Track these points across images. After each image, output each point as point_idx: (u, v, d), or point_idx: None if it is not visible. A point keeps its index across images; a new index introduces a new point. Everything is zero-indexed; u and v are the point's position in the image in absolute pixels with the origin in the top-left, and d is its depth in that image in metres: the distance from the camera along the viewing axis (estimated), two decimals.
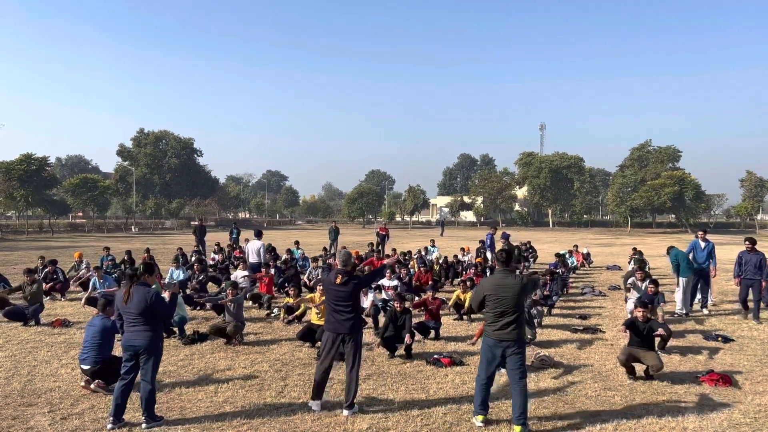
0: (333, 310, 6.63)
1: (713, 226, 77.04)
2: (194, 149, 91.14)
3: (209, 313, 12.27)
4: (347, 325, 6.55)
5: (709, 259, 13.42)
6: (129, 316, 6.15)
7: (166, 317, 6.47)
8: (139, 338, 6.10)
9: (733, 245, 43.47)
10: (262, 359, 8.93)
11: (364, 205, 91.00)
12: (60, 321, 11.47)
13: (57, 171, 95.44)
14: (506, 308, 6.08)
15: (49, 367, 8.40)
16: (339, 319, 6.58)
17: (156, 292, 6.32)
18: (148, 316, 6.11)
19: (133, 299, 6.13)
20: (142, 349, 6.10)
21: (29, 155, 55.46)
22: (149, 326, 6.14)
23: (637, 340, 8.10)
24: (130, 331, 6.17)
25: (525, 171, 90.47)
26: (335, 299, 6.61)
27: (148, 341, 6.10)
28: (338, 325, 6.58)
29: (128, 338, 6.17)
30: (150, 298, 6.09)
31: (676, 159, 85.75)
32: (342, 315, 6.57)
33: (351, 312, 6.58)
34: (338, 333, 6.58)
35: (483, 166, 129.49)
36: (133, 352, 6.15)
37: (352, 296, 6.59)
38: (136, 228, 67.69)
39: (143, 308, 6.07)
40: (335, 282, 6.61)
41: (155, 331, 6.20)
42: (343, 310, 6.57)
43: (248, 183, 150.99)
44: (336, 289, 6.60)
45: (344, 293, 6.56)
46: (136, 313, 6.09)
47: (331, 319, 6.65)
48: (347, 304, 6.57)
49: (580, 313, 13.04)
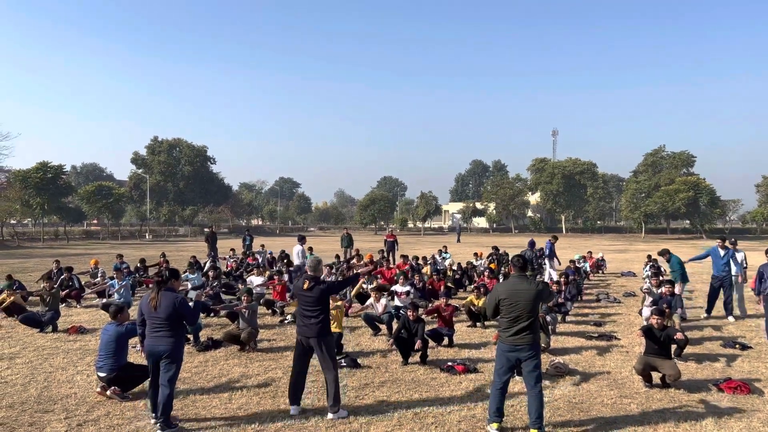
0: (302, 314, 6.81)
1: (728, 231, 76.21)
2: (207, 157, 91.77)
3: (223, 320, 12.31)
4: (314, 330, 6.69)
5: (728, 267, 13.05)
6: (155, 320, 6.24)
7: (192, 323, 6.65)
8: (162, 344, 6.21)
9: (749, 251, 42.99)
10: (276, 366, 8.94)
11: (376, 211, 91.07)
12: (76, 328, 11.56)
13: (72, 179, 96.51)
14: (521, 313, 6.05)
15: (65, 373, 8.47)
16: (307, 324, 6.74)
17: (182, 297, 6.44)
18: (174, 322, 6.24)
19: (161, 305, 6.24)
20: (165, 354, 6.19)
21: (45, 163, 56.21)
22: (173, 332, 6.25)
23: (654, 348, 8.01)
24: (153, 336, 6.26)
25: (537, 177, 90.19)
26: (303, 304, 6.79)
27: (171, 347, 6.21)
28: (306, 330, 6.74)
29: (151, 343, 6.26)
30: (178, 303, 6.24)
31: (690, 164, 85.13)
32: (309, 320, 6.72)
33: (318, 317, 6.71)
34: (307, 337, 6.73)
35: (495, 172, 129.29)
36: (157, 357, 6.25)
37: (318, 301, 6.73)
38: (150, 235, 68.19)
39: (171, 313, 6.20)
40: (303, 287, 6.81)
41: (178, 337, 6.30)
42: (310, 314, 6.73)
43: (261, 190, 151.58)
44: (304, 294, 6.79)
45: (311, 298, 6.73)
46: (164, 318, 6.21)
47: (300, 323, 6.83)
48: (314, 309, 6.72)
49: (594, 320, 12.94)
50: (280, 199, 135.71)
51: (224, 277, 17.01)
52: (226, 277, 17.25)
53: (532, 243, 17.90)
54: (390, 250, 25.81)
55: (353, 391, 7.66)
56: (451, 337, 10.41)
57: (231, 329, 10.34)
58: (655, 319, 8.18)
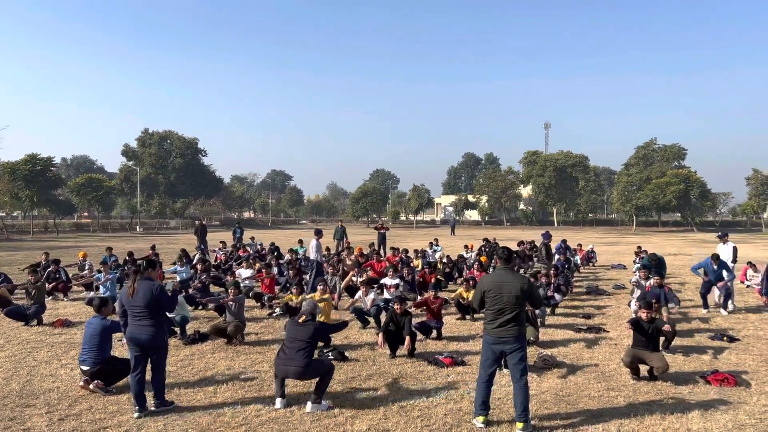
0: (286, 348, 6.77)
1: (719, 224, 76.62)
2: (198, 149, 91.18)
3: (210, 313, 12.22)
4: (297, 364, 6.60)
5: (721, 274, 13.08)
6: (135, 309, 6.39)
7: (170, 310, 6.72)
8: (143, 332, 6.36)
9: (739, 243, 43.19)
10: (263, 359, 8.87)
11: (368, 204, 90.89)
12: (61, 321, 11.45)
13: (62, 171, 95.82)
14: (505, 305, 6.02)
15: (49, 367, 8.37)
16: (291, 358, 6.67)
17: (160, 284, 6.58)
18: (153, 309, 6.36)
19: (138, 293, 6.39)
20: (146, 342, 6.37)
21: (34, 155, 55.66)
22: (153, 320, 6.39)
23: (641, 340, 7.99)
24: (134, 324, 6.42)
25: (530, 170, 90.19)
26: (292, 339, 6.76)
27: (152, 336, 6.37)
28: (287, 369, 6.66)
29: (133, 332, 6.42)
30: (155, 290, 6.38)
31: (681, 157, 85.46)
32: (294, 355, 6.65)
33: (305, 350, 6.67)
34: (287, 375, 6.71)
35: (487, 165, 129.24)
36: (138, 345, 6.40)
37: (309, 337, 6.73)
38: (141, 228, 67.86)
39: (149, 301, 6.32)
40: (299, 321, 6.92)
41: (159, 326, 6.46)
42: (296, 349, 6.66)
43: (253, 183, 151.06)
44: (296, 327, 6.85)
45: (303, 332, 6.75)
46: (142, 306, 6.34)
47: (280, 362, 6.72)
48: (302, 342, 6.68)
49: (583, 313, 12.94)
50: (271, 191, 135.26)
51: (213, 269, 16.89)
52: (216, 270, 17.14)
53: (548, 235, 17.37)
54: (381, 243, 25.77)
55: (340, 384, 7.61)
56: (439, 330, 10.37)
57: (218, 322, 10.27)
58: (643, 312, 8.17)
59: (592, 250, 24.86)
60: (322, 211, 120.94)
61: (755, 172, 77.23)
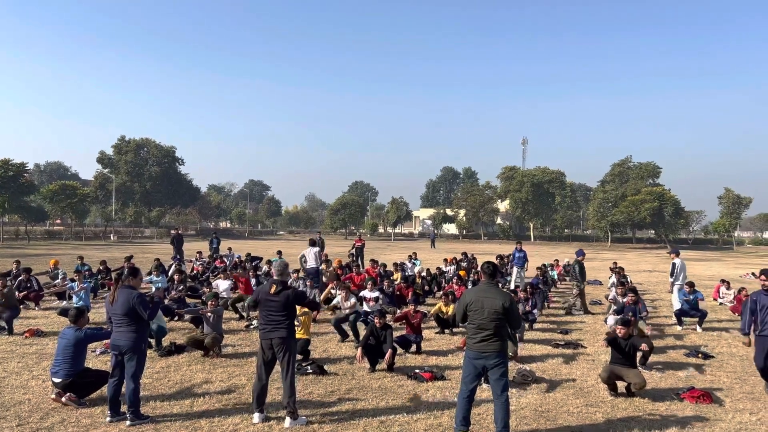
0: (266, 319, 6.71)
1: (692, 242, 77.98)
2: (176, 158, 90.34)
3: (187, 325, 12.04)
4: (279, 333, 6.61)
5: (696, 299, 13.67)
6: (115, 317, 6.52)
7: (150, 318, 6.67)
8: (123, 338, 6.46)
9: (711, 261, 44.04)
10: (240, 372, 8.76)
11: (346, 216, 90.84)
12: (33, 331, 11.18)
13: (35, 177, 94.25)
14: (487, 320, 6.01)
15: (20, 378, 8.16)
16: (271, 328, 6.66)
17: (138, 293, 6.62)
18: (132, 317, 6.44)
19: (118, 301, 6.50)
20: (125, 348, 6.43)
21: (6, 161, 54.60)
22: (133, 327, 6.46)
23: (618, 357, 8.07)
24: (116, 331, 6.54)
25: (507, 185, 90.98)
26: (268, 309, 6.69)
27: (132, 342, 6.43)
28: (270, 333, 6.65)
29: (114, 338, 6.53)
30: (133, 299, 6.44)
31: (656, 175, 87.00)
32: (274, 324, 6.64)
33: (284, 321, 6.65)
34: (270, 339, 6.64)
35: (466, 179, 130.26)
36: (118, 351, 6.48)
37: (284, 307, 6.67)
38: (115, 236, 66.83)
39: (127, 309, 6.42)
40: (269, 291, 6.73)
41: (138, 332, 6.50)
42: (275, 318, 6.65)
43: (230, 192, 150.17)
44: (270, 298, 6.70)
45: (277, 303, 6.66)
46: (121, 314, 6.44)
47: (263, 328, 6.73)
48: (279, 314, 6.65)
49: (561, 328, 13.02)
50: (249, 201, 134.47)
51: (190, 280, 16.67)
52: (192, 281, 16.91)
53: (581, 252, 16.94)
54: (359, 255, 25.71)
55: (319, 398, 7.53)
56: (419, 344, 10.34)
57: (195, 334, 10.12)
58: (620, 329, 8.24)
59: (569, 263, 25.02)
60: (300, 222, 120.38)
61: (727, 191, 78.79)
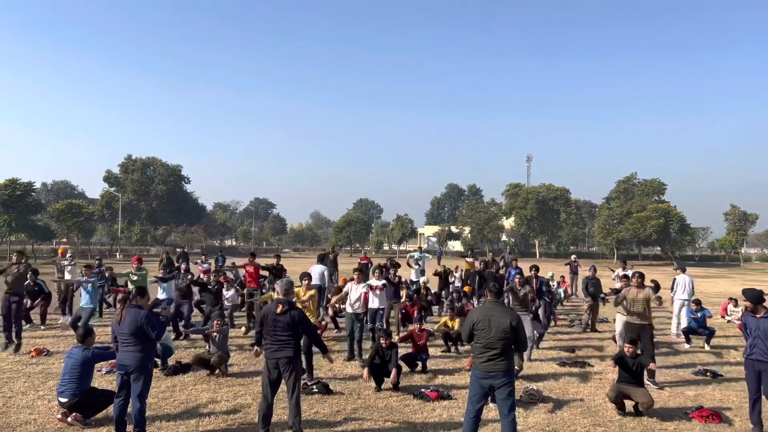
0: (272, 339, 6.71)
1: (698, 259, 77.59)
2: (182, 176, 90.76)
3: (192, 343, 12.04)
4: (286, 353, 6.61)
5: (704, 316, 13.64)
6: (122, 336, 6.50)
7: (157, 337, 6.65)
8: (129, 358, 6.43)
9: (718, 278, 43.80)
10: (246, 392, 8.73)
11: (351, 233, 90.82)
12: (39, 350, 11.19)
13: (42, 196, 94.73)
14: (494, 339, 5.99)
15: (25, 398, 8.16)
16: (277, 347, 6.65)
17: (147, 313, 6.64)
18: (139, 337, 6.43)
19: (125, 320, 6.48)
20: (132, 368, 6.42)
21: (14, 180, 55.10)
22: (140, 347, 6.45)
23: (626, 376, 8.03)
24: (122, 351, 6.52)
25: (512, 202, 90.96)
26: (275, 328, 6.69)
27: (138, 361, 6.42)
28: (276, 353, 6.64)
29: (120, 358, 6.52)
30: (141, 318, 6.44)
31: (661, 192, 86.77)
32: (280, 343, 6.64)
33: (290, 340, 6.66)
34: (276, 358, 6.63)
35: (470, 196, 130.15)
36: (125, 371, 6.46)
37: (290, 326, 6.67)
38: (121, 255, 67.01)
39: (135, 329, 6.40)
40: (276, 311, 6.72)
41: (145, 352, 6.51)
42: (281, 338, 6.65)
43: (235, 210, 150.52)
44: (276, 318, 6.69)
45: (283, 323, 6.66)
46: (129, 334, 6.42)
47: (270, 347, 6.71)
48: (287, 333, 6.65)
49: (568, 346, 12.94)
50: (254, 219, 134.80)
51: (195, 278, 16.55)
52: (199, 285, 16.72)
53: (593, 269, 16.92)
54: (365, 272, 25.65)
55: (325, 418, 7.50)
56: (424, 362, 10.30)
57: (201, 353, 10.11)
58: (627, 347, 8.21)
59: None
60: (305, 239, 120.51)
61: (733, 208, 78.59)
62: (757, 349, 7.12)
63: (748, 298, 7.27)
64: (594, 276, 15.95)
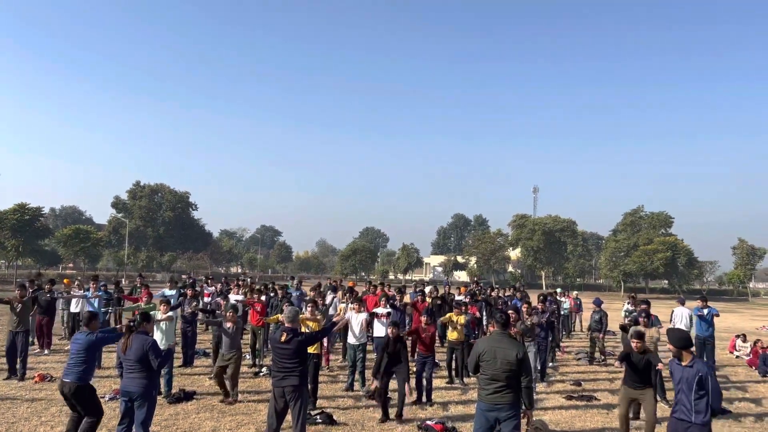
0: (278, 366, 6.72)
1: (706, 292, 76.84)
2: (189, 203, 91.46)
3: (196, 370, 11.98)
4: (292, 381, 6.61)
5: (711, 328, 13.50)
6: (127, 363, 6.54)
7: (159, 366, 6.64)
8: (134, 385, 6.45)
9: (726, 313, 43.33)
10: (249, 421, 8.67)
11: (357, 262, 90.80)
12: (42, 375, 11.17)
13: (50, 221, 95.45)
14: (499, 371, 5.94)
15: (28, 424, 8.13)
16: (283, 375, 6.65)
17: (153, 340, 6.67)
18: (145, 363, 6.47)
19: (131, 347, 6.51)
20: (136, 395, 6.43)
21: (23, 205, 55.58)
22: (145, 373, 6.48)
23: (633, 377, 7.80)
24: (127, 377, 6.54)
25: (518, 233, 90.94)
26: (281, 357, 6.70)
27: (143, 388, 6.45)
28: (283, 381, 6.63)
29: (125, 384, 6.55)
30: (147, 345, 6.49)
31: (668, 225, 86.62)
32: (286, 371, 6.64)
33: (296, 368, 6.66)
34: (283, 387, 6.61)
35: (477, 226, 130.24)
36: (129, 398, 6.47)
37: (296, 353, 6.68)
38: (127, 280, 66.97)
39: (141, 355, 6.45)
40: (280, 340, 6.74)
41: (150, 379, 6.54)
42: (287, 366, 6.65)
43: (242, 238, 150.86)
44: (281, 346, 6.71)
45: (289, 351, 6.67)
46: (134, 360, 6.47)
47: (276, 376, 6.72)
48: (292, 361, 6.66)
49: (574, 379, 12.81)
50: (260, 247, 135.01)
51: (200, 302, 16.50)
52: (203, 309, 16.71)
53: (599, 301, 16.85)
54: None
55: None
56: (430, 383, 10.18)
57: (219, 362, 9.93)
58: (634, 341, 7.98)
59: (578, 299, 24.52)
60: (311, 267, 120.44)
61: (741, 242, 78.21)
62: (681, 406, 5.88)
63: (672, 341, 6.10)
64: (601, 309, 15.81)
